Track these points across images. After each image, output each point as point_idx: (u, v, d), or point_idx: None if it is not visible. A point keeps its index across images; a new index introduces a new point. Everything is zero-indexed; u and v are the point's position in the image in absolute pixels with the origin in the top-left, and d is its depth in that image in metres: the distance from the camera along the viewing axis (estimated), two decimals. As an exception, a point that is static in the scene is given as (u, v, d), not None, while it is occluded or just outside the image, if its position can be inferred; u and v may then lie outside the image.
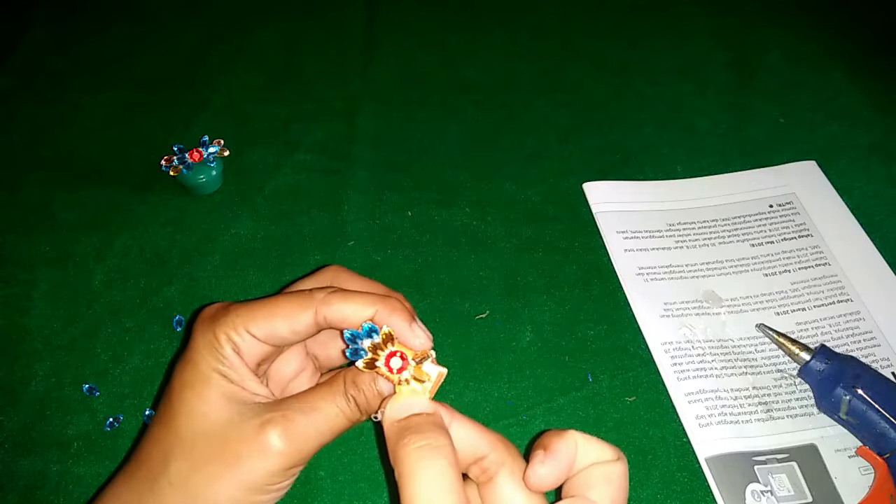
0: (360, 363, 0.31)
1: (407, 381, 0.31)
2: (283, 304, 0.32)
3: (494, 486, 0.29)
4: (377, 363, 0.31)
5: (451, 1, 0.72)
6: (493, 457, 0.29)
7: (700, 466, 0.41)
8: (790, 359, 0.44)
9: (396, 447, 0.28)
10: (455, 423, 0.30)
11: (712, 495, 0.40)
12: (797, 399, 0.44)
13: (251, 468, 0.29)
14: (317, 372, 0.38)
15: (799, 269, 0.50)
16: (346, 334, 0.31)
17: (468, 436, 0.29)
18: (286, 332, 0.32)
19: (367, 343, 0.31)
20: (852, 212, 0.53)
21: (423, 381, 0.31)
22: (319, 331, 0.33)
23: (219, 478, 0.29)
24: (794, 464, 0.41)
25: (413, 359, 0.31)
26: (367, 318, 0.32)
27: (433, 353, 0.32)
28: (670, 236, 0.52)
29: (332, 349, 0.37)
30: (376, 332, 0.31)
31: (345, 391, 0.32)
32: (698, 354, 0.46)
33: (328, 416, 0.31)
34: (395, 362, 0.31)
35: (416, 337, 0.31)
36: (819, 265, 0.50)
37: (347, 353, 0.31)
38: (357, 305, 0.32)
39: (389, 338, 0.31)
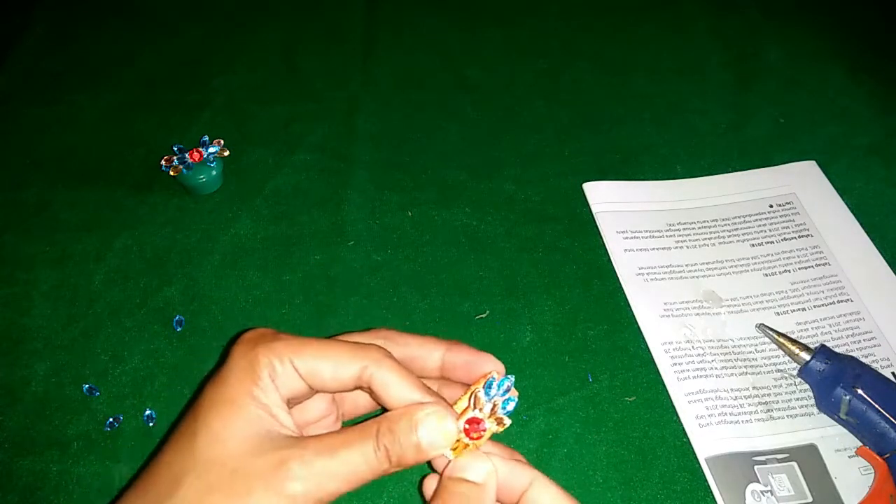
0: (480, 394, 0.30)
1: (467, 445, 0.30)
2: (335, 346, 0.31)
3: None
4: (471, 413, 0.30)
5: (451, 1, 0.72)
6: None
7: (700, 466, 0.41)
8: (790, 359, 0.44)
9: None
10: (538, 487, 0.30)
11: (712, 495, 0.40)
12: (797, 399, 0.44)
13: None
14: (338, 421, 0.36)
15: (799, 269, 0.50)
16: (489, 381, 0.31)
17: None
18: (329, 375, 0.31)
19: (497, 401, 0.30)
20: (852, 212, 0.53)
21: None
22: (355, 389, 0.32)
23: None
24: (794, 464, 0.41)
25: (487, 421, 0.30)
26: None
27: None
28: (670, 236, 0.52)
29: (360, 400, 0.35)
30: (507, 391, 0.31)
31: (377, 440, 0.29)
32: (698, 354, 0.46)
33: (351, 465, 0.29)
34: (470, 431, 0.30)
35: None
36: (819, 265, 0.50)
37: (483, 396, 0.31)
38: (406, 386, 0.31)
39: (495, 416, 0.31)
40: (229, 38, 0.68)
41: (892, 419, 0.39)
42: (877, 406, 0.40)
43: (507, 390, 0.31)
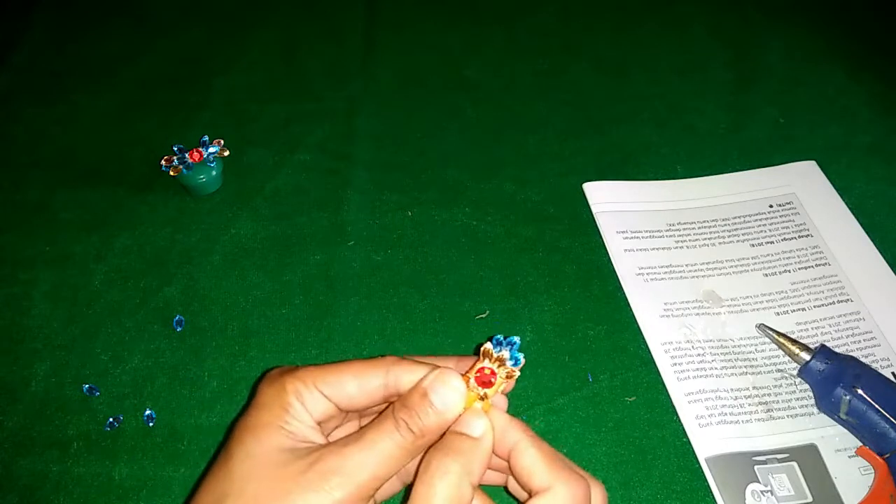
0: (487, 346, 0.32)
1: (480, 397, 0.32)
2: (353, 364, 0.33)
3: None
4: (480, 364, 0.32)
5: (451, 1, 0.72)
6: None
7: (700, 466, 0.41)
8: (790, 359, 0.44)
9: (431, 457, 0.29)
10: (521, 446, 0.31)
11: (712, 495, 0.40)
12: (797, 399, 0.44)
13: None
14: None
15: (799, 269, 0.50)
16: (495, 339, 0.32)
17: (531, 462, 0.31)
18: (354, 389, 0.32)
19: (504, 354, 0.32)
20: (852, 212, 0.53)
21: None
22: (387, 397, 0.32)
23: None
24: (794, 464, 0.41)
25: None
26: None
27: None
28: (670, 236, 0.52)
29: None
30: (512, 352, 0.32)
31: (394, 418, 0.30)
32: (698, 354, 0.46)
33: (380, 447, 0.30)
34: (482, 379, 0.32)
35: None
36: (819, 265, 0.50)
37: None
38: (424, 370, 0.32)
39: (505, 369, 0.32)
40: (229, 38, 0.68)
41: (892, 419, 0.39)
42: (877, 406, 0.40)
43: (513, 347, 0.32)
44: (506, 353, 0.32)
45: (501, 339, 0.32)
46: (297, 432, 0.31)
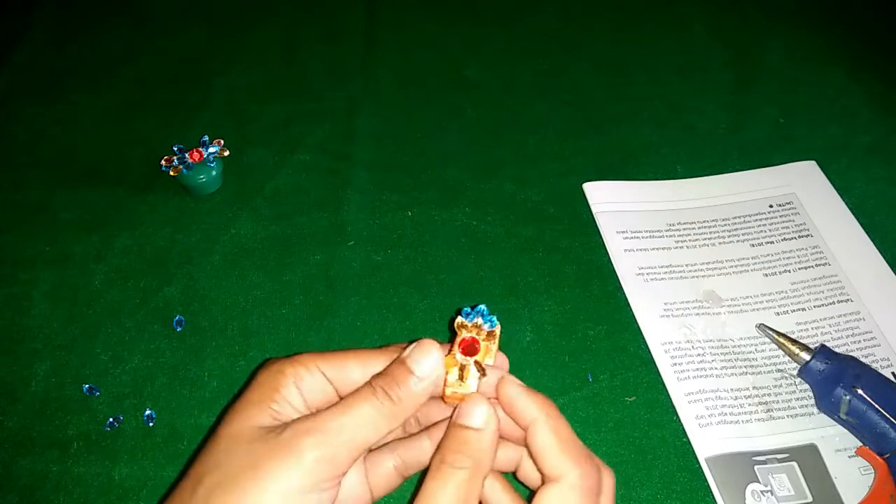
0: (460, 320, 0.33)
1: (463, 367, 0.32)
2: (357, 350, 0.33)
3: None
4: (460, 337, 0.33)
5: (451, 1, 0.72)
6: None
7: (700, 466, 0.41)
8: (790, 359, 0.44)
9: (439, 453, 0.30)
10: (537, 426, 0.31)
11: (712, 495, 0.40)
12: (797, 399, 0.44)
13: (282, 475, 0.28)
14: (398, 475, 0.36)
15: (799, 269, 0.50)
16: (464, 311, 0.34)
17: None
18: (359, 375, 0.32)
19: (478, 320, 0.33)
20: (852, 212, 0.53)
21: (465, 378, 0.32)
22: None
23: (246, 492, 0.28)
24: (794, 464, 0.41)
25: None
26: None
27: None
28: (670, 236, 0.52)
29: (419, 452, 0.35)
30: (484, 317, 0.33)
31: (372, 385, 0.30)
32: (698, 354, 0.46)
33: (358, 414, 0.29)
34: (466, 349, 0.33)
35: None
36: (819, 265, 0.50)
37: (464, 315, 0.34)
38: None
39: (483, 332, 0.33)
40: (229, 38, 0.68)
41: (892, 419, 0.39)
42: (877, 406, 0.40)
43: (483, 313, 0.33)
44: (479, 320, 0.33)
45: (469, 309, 0.33)
46: (282, 411, 0.30)
